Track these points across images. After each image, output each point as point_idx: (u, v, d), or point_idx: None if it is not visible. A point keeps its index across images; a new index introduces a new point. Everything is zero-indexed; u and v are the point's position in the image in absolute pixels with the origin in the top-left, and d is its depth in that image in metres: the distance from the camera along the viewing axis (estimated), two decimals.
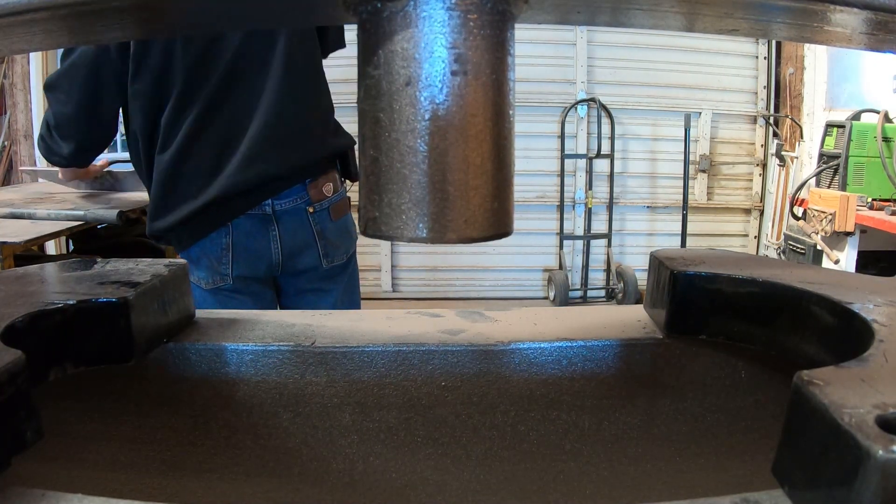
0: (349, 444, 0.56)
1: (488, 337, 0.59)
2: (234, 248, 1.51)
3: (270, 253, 1.54)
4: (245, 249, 1.52)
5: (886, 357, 0.37)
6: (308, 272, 1.61)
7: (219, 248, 1.51)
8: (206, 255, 1.51)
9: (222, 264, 1.51)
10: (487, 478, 0.54)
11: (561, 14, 0.40)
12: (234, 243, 1.51)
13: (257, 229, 1.51)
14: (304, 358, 0.58)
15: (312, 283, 1.64)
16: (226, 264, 1.52)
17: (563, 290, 4.40)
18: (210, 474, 0.53)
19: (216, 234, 1.50)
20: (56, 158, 1.60)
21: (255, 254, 1.53)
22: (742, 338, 0.56)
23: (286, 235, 1.53)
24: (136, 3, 0.34)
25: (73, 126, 1.50)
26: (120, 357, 0.51)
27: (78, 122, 1.49)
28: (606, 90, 4.49)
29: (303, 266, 1.59)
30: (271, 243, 1.53)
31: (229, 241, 1.51)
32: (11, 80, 4.61)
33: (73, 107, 1.46)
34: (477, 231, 0.37)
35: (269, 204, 1.50)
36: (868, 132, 2.95)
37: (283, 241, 1.53)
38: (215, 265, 1.52)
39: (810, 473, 0.31)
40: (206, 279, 1.53)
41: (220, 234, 1.50)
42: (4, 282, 0.55)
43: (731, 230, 4.83)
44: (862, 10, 0.34)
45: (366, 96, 0.37)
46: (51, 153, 1.58)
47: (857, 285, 0.52)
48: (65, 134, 1.52)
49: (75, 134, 1.52)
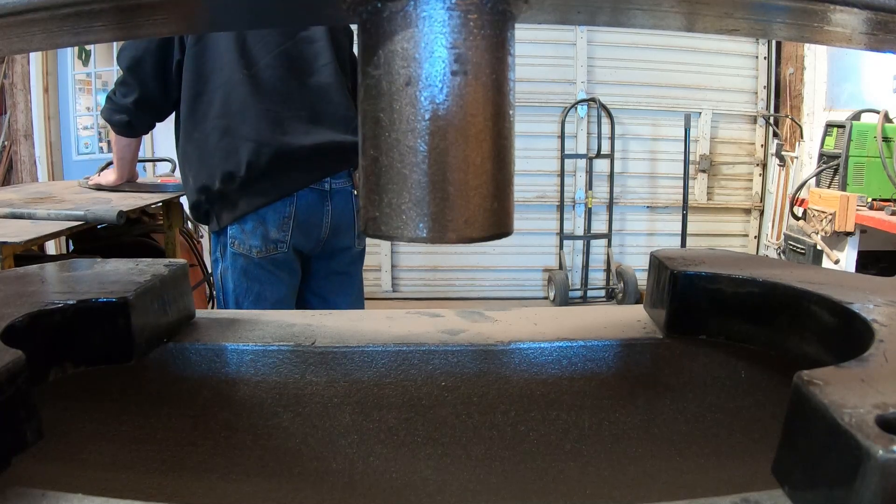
0: (349, 444, 0.56)
1: (488, 337, 0.59)
2: (296, 217, 1.63)
3: (321, 228, 1.68)
4: (304, 221, 1.65)
5: (886, 357, 0.37)
6: (342, 252, 1.77)
7: (281, 217, 1.62)
8: (263, 223, 1.61)
9: (282, 232, 1.63)
10: (487, 478, 0.54)
11: (561, 14, 0.40)
12: (296, 213, 1.63)
13: (316, 203, 1.65)
14: (304, 358, 0.58)
15: (342, 265, 1.79)
16: (285, 232, 1.63)
17: (563, 290, 4.40)
18: (210, 474, 0.53)
19: (280, 203, 1.61)
20: (118, 117, 1.71)
21: (311, 226, 1.66)
22: (742, 338, 0.56)
23: (336, 212, 1.68)
24: (136, 4, 0.34)
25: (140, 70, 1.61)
26: (120, 357, 0.51)
27: (143, 67, 1.61)
28: (606, 90, 4.49)
29: (340, 245, 1.75)
30: (324, 218, 1.67)
31: (293, 211, 1.62)
32: (11, 80, 4.61)
33: (142, 51, 1.60)
34: (477, 231, 0.37)
35: (328, 181, 1.65)
36: (868, 132, 2.94)
37: (333, 217, 1.68)
38: (273, 233, 1.62)
39: (810, 473, 0.31)
40: (258, 247, 1.62)
41: (284, 204, 1.61)
42: (4, 282, 0.55)
43: (731, 230, 4.83)
44: (862, 10, 0.34)
45: (366, 96, 0.37)
46: (115, 110, 1.70)
47: (857, 285, 0.52)
48: (131, 82, 1.64)
49: (139, 83, 1.63)
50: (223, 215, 1.64)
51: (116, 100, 1.69)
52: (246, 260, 1.63)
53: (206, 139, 1.61)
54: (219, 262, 1.70)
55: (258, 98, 1.59)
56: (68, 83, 4.77)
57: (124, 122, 1.75)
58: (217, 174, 1.60)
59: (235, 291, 1.65)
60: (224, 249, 1.66)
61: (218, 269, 1.70)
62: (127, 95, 1.66)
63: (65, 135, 4.84)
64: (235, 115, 1.59)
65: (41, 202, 2.13)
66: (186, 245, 2.82)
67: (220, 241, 1.68)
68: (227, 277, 1.66)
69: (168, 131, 1.88)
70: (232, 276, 1.65)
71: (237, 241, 1.63)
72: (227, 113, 1.59)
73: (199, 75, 1.61)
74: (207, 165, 1.61)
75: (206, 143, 1.61)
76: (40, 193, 2.37)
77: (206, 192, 1.63)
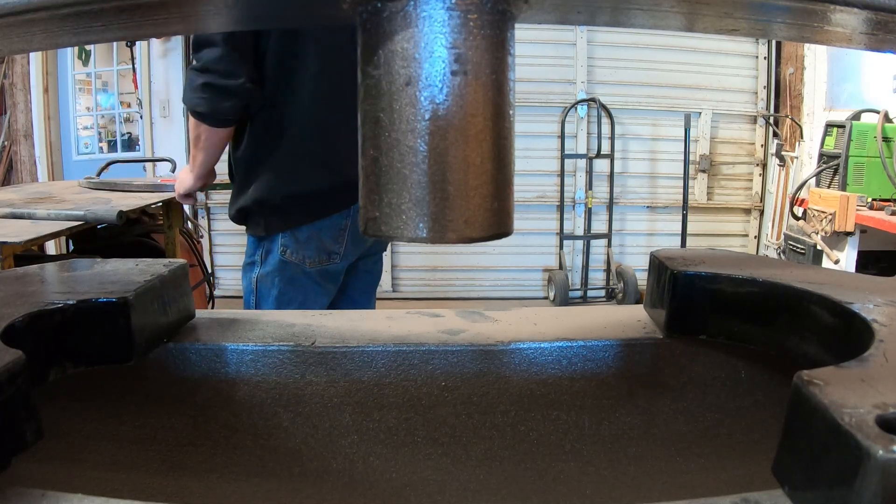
0: (349, 444, 0.56)
1: (488, 337, 0.59)
2: (350, 229, 1.60)
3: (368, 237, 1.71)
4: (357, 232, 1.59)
5: (886, 357, 0.37)
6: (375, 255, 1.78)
7: (337, 229, 1.59)
8: (318, 235, 1.57)
9: (337, 244, 1.60)
10: (487, 478, 0.54)
11: (561, 14, 0.40)
12: (351, 225, 1.60)
13: None
14: (304, 358, 0.58)
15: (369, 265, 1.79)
16: (340, 244, 1.60)
17: (563, 290, 4.40)
18: (210, 474, 0.53)
19: (338, 216, 1.58)
20: (227, 104, 1.45)
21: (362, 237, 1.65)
22: (742, 338, 0.56)
23: None
24: (136, 4, 0.34)
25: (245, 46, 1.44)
26: (120, 357, 0.51)
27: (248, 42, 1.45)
28: (606, 90, 4.49)
29: (376, 249, 1.76)
30: None
31: (348, 223, 1.60)
32: (11, 80, 4.62)
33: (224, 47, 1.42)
34: (477, 231, 0.37)
35: None
36: (868, 132, 2.94)
37: None
38: (329, 245, 1.59)
39: (810, 473, 0.31)
40: (312, 258, 1.58)
41: (341, 216, 1.58)
42: (4, 282, 0.55)
43: (731, 230, 4.83)
44: (862, 10, 0.34)
45: (366, 96, 0.37)
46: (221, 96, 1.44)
47: (857, 285, 0.52)
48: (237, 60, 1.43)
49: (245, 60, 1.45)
50: (273, 223, 1.56)
51: (221, 83, 1.43)
52: (296, 269, 1.57)
53: (278, 151, 1.52)
54: (256, 267, 1.61)
55: (339, 120, 1.49)
56: (68, 83, 4.77)
57: (238, 109, 1.48)
58: (282, 191, 1.53)
59: (279, 299, 1.58)
60: (267, 255, 1.59)
61: (253, 273, 1.61)
62: (236, 75, 1.43)
63: (65, 135, 4.84)
64: (314, 137, 1.51)
65: (41, 202, 2.13)
66: (186, 245, 2.82)
67: (262, 246, 1.60)
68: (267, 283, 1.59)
69: (168, 131, 1.85)
70: (278, 284, 1.58)
71: (289, 250, 1.56)
72: (305, 132, 1.51)
73: (280, 81, 1.50)
74: (275, 180, 1.52)
75: (279, 156, 1.52)
76: (40, 193, 2.38)
77: (264, 203, 1.55)
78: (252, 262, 1.63)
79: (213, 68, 1.43)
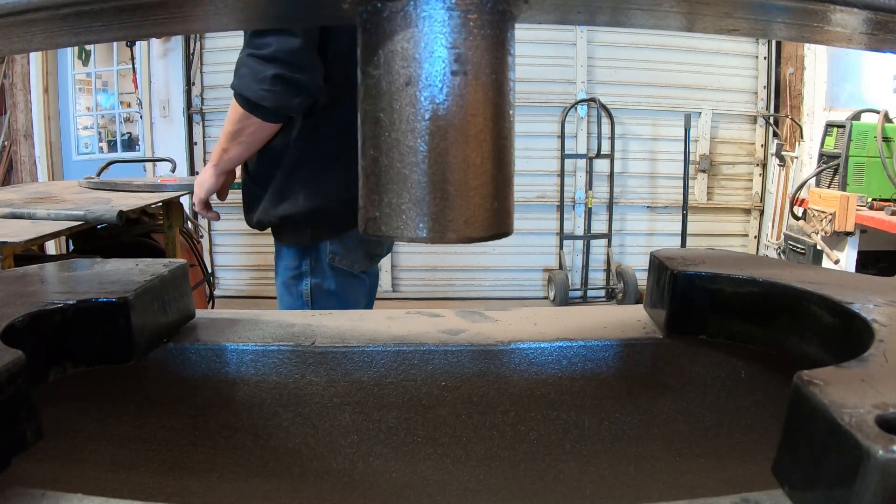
0: (349, 444, 0.56)
1: (488, 337, 0.59)
2: None
3: None
4: None
5: (886, 357, 0.37)
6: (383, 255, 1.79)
7: None
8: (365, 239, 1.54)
9: (380, 245, 1.62)
10: (487, 478, 0.54)
11: (561, 14, 0.40)
12: None
13: None
14: (304, 358, 0.58)
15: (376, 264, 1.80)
16: (382, 245, 1.64)
17: (563, 290, 4.40)
18: (210, 474, 0.53)
19: None
20: (296, 101, 1.34)
21: None
22: (742, 338, 0.56)
23: None
24: (136, 4, 0.34)
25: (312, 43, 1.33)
26: (120, 357, 0.51)
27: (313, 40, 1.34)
28: (606, 90, 4.49)
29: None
30: None
31: None
32: (11, 80, 4.62)
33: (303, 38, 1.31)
34: (477, 231, 0.37)
35: None
36: (868, 132, 2.95)
37: None
38: (373, 248, 1.60)
39: (810, 473, 0.31)
40: (360, 262, 1.58)
41: None
42: (4, 282, 0.55)
43: (731, 230, 4.83)
44: (862, 10, 0.34)
45: (366, 96, 0.37)
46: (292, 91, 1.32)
47: (857, 285, 0.52)
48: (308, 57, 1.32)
49: (315, 59, 1.34)
50: (323, 230, 1.49)
51: (294, 77, 1.30)
52: (347, 275, 1.55)
53: (333, 156, 1.43)
54: (305, 278, 1.53)
55: None
56: (68, 83, 4.77)
57: (305, 106, 1.38)
58: (342, 197, 1.44)
59: (339, 306, 1.54)
60: (316, 264, 1.52)
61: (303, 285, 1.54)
62: (312, 70, 1.32)
63: (65, 135, 4.84)
64: None
65: (41, 202, 2.13)
66: (186, 245, 2.82)
67: (308, 255, 1.52)
68: (323, 293, 1.54)
69: (168, 131, 1.84)
70: (337, 291, 1.54)
71: (338, 256, 1.51)
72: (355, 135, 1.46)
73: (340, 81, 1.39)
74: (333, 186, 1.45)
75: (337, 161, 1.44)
76: (40, 193, 2.38)
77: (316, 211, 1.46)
78: (299, 275, 1.53)
79: (286, 59, 1.29)
